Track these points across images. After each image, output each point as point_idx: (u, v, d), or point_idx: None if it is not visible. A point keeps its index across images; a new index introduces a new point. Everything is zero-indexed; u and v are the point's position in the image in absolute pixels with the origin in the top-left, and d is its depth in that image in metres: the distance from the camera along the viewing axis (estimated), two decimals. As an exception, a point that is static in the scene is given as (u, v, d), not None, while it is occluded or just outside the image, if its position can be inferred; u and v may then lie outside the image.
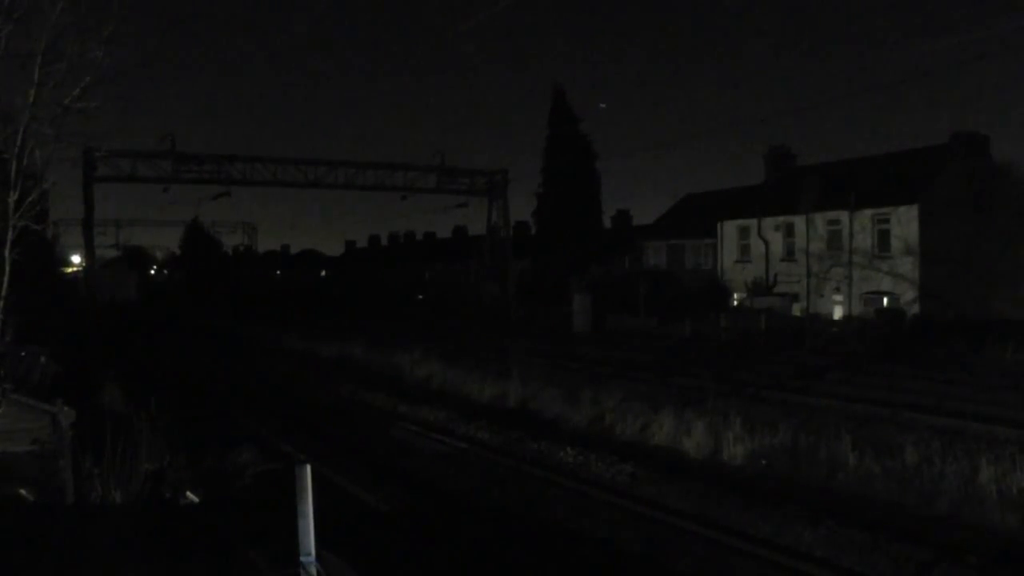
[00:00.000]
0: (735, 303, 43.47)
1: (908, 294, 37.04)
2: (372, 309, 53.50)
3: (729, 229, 46.34)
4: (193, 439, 13.17)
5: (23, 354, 16.86)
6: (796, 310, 39.40)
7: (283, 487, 6.21)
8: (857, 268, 39.00)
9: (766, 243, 43.85)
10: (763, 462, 13.93)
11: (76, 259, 61.05)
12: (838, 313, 39.24)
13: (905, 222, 37.31)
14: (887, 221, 38.25)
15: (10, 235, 8.65)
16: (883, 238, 38.51)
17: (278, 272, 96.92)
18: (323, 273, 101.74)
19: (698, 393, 18.43)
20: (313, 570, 5.12)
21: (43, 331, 21.64)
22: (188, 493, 10.87)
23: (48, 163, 9.45)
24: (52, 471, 10.29)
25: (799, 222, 40.83)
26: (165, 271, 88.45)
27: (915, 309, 35.90)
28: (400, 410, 20.17)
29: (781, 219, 42.82)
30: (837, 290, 39.97)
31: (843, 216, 39.22)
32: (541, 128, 54.59)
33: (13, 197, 8.56)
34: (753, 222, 44.68)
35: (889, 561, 9.54)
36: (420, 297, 65.94)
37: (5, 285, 8.75)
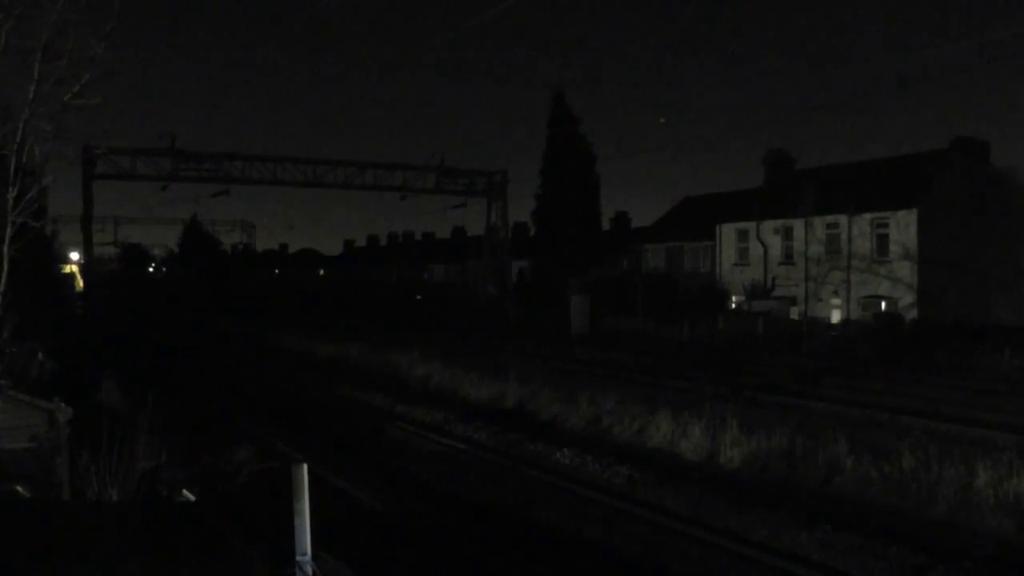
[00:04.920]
0: (733, 306, 43.51)
1: (906, 298, 37.10)
2: (370, 309, 53.47)
3: (728, 232, 46.40)
4: (190, 437, 13.13)
5: (20, 351, 16.83)
6: (794, 313, 39.45)
7: (279, 486, 6.21)
8: (855, 272, 39.05)
9: (764, 246, 43.91)
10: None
11: (74, 256, 60.95)
12: (836, 317, 39.29)
13: (904, 226, 37.37)
14: (886, 225, 38.31)
15: (9, 231, 8.64)
16: (882, 242, 38.57)
17: (276, 271, 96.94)
18: (321, 272, 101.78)
19: (695, 396, 18.44)
20: (309, 569, 5.11)
21: (41, 328, 21.61)
22: (184, 491, 10.85)
23: (47, 159, 9.44)
24: (49, 468, 10.27)
25: (798, 225, 40.89)
26: (163, 269, 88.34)
27: (913, 313, 35.95)
28: (397, 410, 20.16)
29: (780, 222, 42.89)
30: (835, 294, 40.03)
31: (842, 220, 39.29)
32: (541, 129, 54.57)
33: (12, 193, 8.55)
34: (752, 225, 44.74)
35: (885, 565, 9.55)
36: (418, 297, 65.90)
37: (3, 281, 8.74)
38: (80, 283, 56.54)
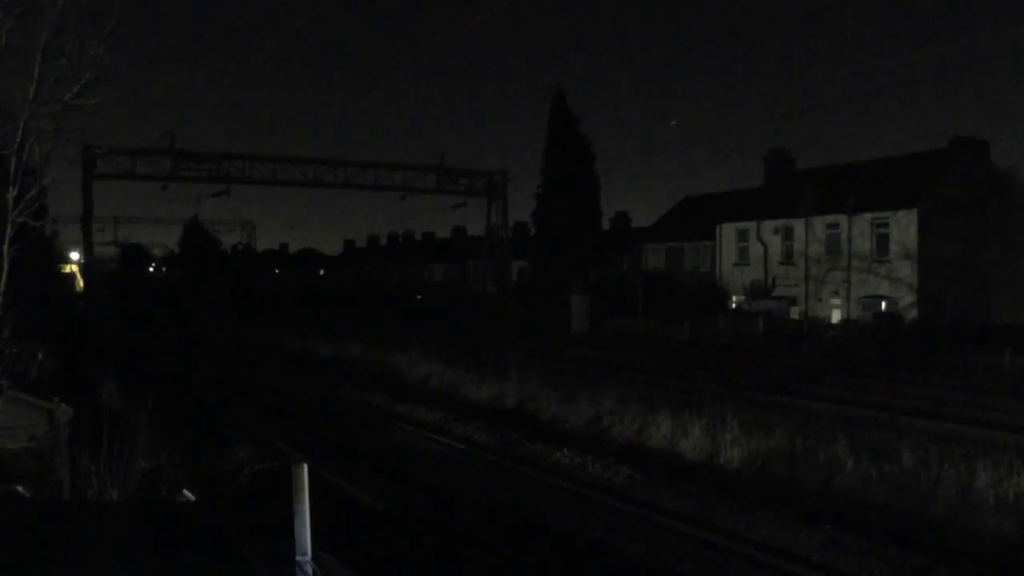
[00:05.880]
0: (733, 306, 43.51)
1: (906, 298, 37.09)
2: (370, 309, 53.46)
3: (728, 232, 46.38)
4: (190, 437, 13.15)
5: (20, 351, 16.81)
6: (794, 313, 39.45)
7: (279, 486, 6.21)
8: (855, 272, 39.04)
9: (765, 246, 43.89)
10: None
11: (75, 256, 60.96)
12: (836, 317, 39.30)
13: (904, 226, 37.36)
14: (886, 225, 38.30)
15: (9, 231, 8.63)
16: (882, 242, 38.56)
17: (277, 271, 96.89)
18: (321, 272, 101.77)
19: (695, 395, 18.44)
20: (309, 569, 5.10)
21: (41, 327, 21.60)
22: (184, 491, 10.85)
23: (47, 159, 9.43)
24: (49, 468, 10.28)
25: (798, 225, 40.88)
26: (164, 269, 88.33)
27: (913, 313, 35.94)
28: (398, 410, 20.16)
29: (780, 222, 42.87)
30: (835, 294, 40.03)
31: (842, 220, 39.27)
32: (541, 129, 54.58)
33: (12, 193, 8.54)
34: (752, 225, 44.72)
35: (885, 565, 9.54)
36: (418, 297, 65.89)
37: (4, 281, 8.74)
38: (80, 283, 56.51)
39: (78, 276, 58.57)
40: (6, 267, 8.75)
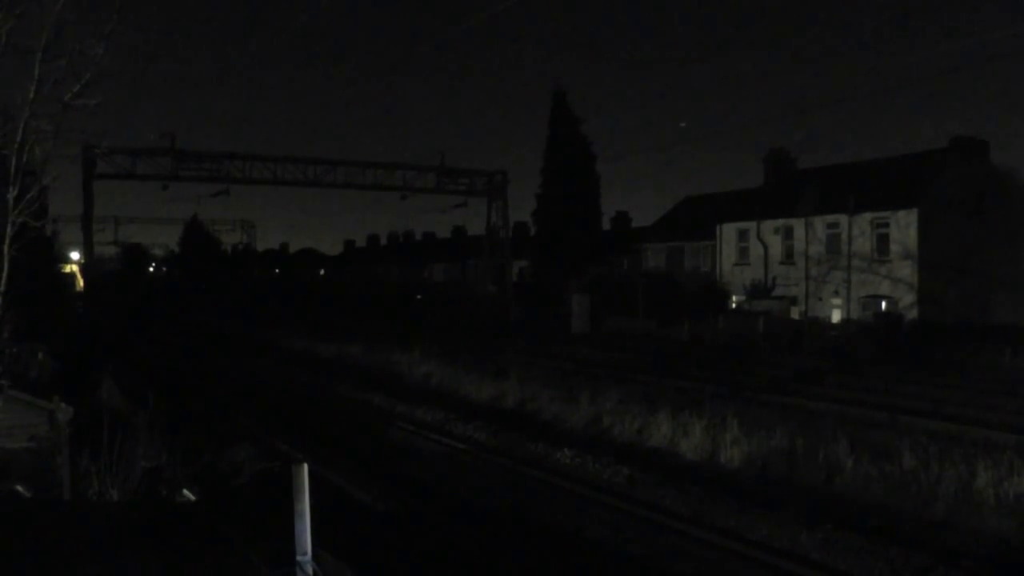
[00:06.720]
0: (733, 305, 43.51)
1: (907, 298, 37.09)
2: (371, 309, 53.48)
3: (728, 232, 46.39)
4: (190, 437, 13.14)
5: (20, 351, 16.83)
6: (794, 313, 39.45)
7: (280, 486, 6.21)
8: (856, 272, 39.04)
9: (765, 246, 43.89)
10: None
11: (75, 256, 60.92)
12: (836, 316, 39.30)
13: (904, 226, 37.37)
14: (886, 225, 38.30)
15: (9, 231, 8.65)
16: (882, 242, 38.56)
17: (277, 271, 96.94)
18: (322, 272, 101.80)
19: (696, 395, 18.44)
20: (309, 569, 5.11)
21: (41, 327, 21.61)
22: (184, 491, 10.84)
23: (47, 159, 9.45)
24: (49, 468, 10.27)
25: (798, 225, 40.90)
26: (164, 269, 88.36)
27: (913, 313, 35.94)
28: (398, 410, 20.16)
29: (780, 222, 42.88)
30: (836, 293, 40.03)
31: (842, 220, 39.27)
32: (541, 129, 54.56)
33: (12, 193, 8.55)
34: (752, 225, 44.73)
35: (885, 565, 9.54)
36: (419, 297, 65.90)
37: (4, 281, 8.75)
38: (80, 283, 56.49)
39: (78, 276, 58.54)
40: (6, 267, 8.76)
